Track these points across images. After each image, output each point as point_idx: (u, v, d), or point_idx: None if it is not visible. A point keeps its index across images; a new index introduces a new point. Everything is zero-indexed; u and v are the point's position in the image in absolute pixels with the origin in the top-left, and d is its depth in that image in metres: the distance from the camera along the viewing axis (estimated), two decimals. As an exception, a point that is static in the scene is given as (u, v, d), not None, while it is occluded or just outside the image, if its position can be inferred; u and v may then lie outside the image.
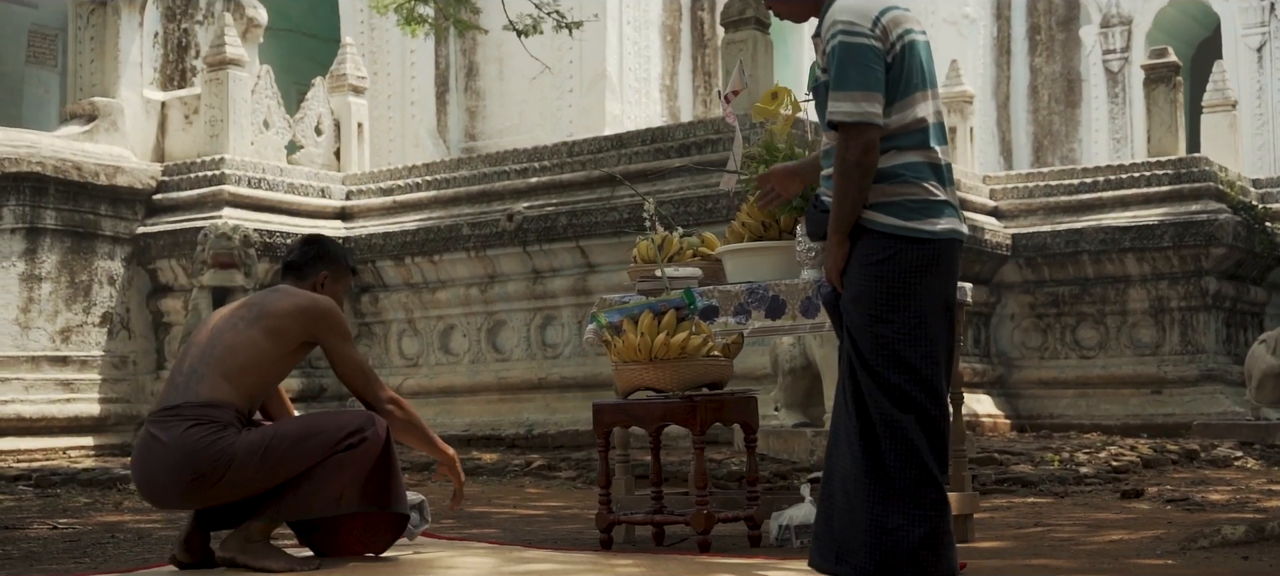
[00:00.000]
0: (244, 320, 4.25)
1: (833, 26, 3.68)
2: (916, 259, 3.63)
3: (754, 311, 4.85)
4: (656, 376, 4.51)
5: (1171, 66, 13.76)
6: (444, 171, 12.83)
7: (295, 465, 4.06)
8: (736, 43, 11.46)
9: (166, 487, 4.10)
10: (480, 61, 16.05)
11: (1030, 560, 4.19)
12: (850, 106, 3.58)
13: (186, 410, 4.09)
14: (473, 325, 12.42)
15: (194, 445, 4.00)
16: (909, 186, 3.68)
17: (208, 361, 4.17)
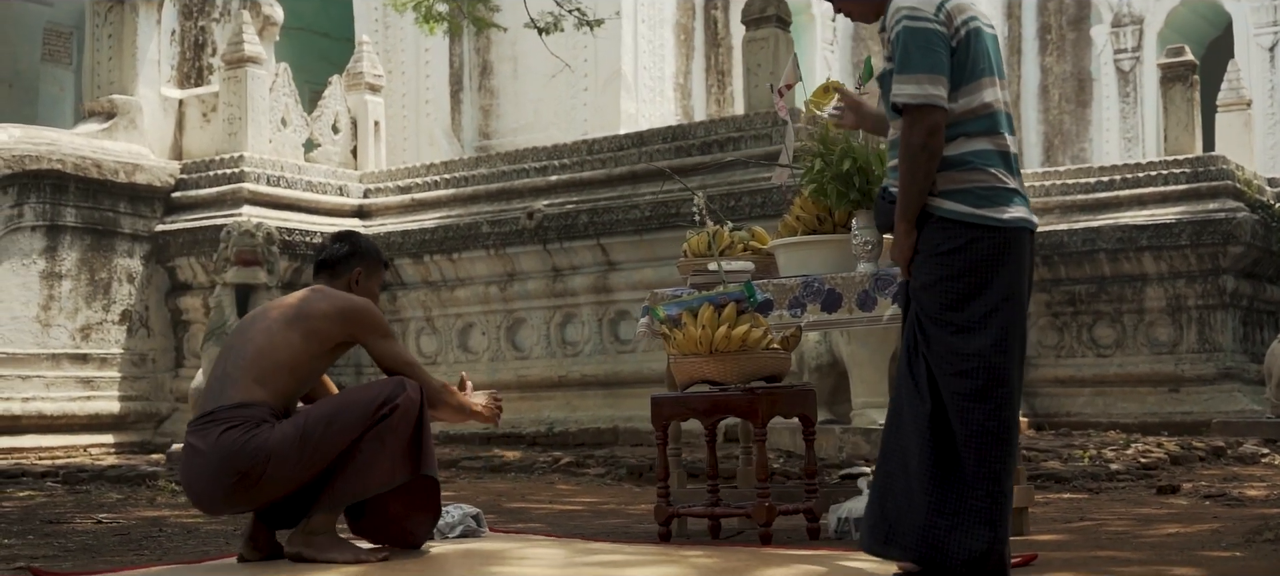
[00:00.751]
0: (280, 322, 4.22)
1: (896, 13, 3.69)
2: (987, 248, 3.62)
3: (809, 305, 4.86)
4: (716, 369, 4.51)
5: (1188, 65, 13.77)
6: (463, 169, 12.82)
7: (335, 445, 4.03)
8: (757, 40, 11.47)
9: (213, 494, 4.08)
10: (494, 60, 16.05)
11: (1096, 552, 4.20)
12: (914, 88, 3.58)
13: (220, 414, 4.08)
14: (492, 323, 12.42)
15: (230, 447, 3.98)
16: (978, 173, 3.66)
17: (240, 365, 4.14)
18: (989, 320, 3.61)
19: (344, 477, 4.04)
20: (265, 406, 4.07)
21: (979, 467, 3.55)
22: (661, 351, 11.44)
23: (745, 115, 11.43)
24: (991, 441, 3.57)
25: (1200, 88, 14.24)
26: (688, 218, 11.16)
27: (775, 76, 11.44)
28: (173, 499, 7.75)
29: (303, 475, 4.02)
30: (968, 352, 3.58)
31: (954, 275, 3.61)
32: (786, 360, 4.63)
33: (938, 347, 3.60)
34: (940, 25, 3.65)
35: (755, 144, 11.13)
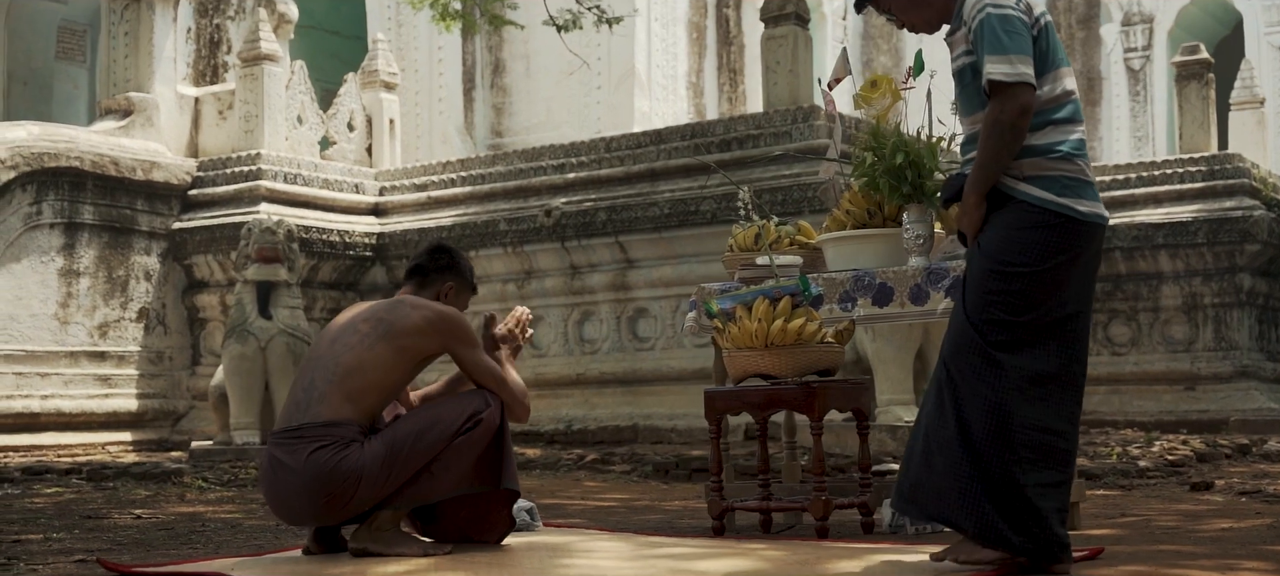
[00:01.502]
0: (370, 336, 4.18)
1: (978, 3, 3.67)
2: (1062, 238, 3.60)
3: (860, 299, 4.85)
4: (772, 363, 4.50)
5: (1204, 63, 13.78)
6: (479, 167, 12.81)
7: (420, 460, 4.06)
8: (776, 38, 11.45)
9: (300, 510, 4.09)
10: (507, 58, 16.04)
11: (1157, 546, 4.19)
12: (1006, 67, 3.58)
13: (308, 431, 4.05)
14: (509, 321, 12.38)
15: (321, 468, 3.97)
16: (1066, 163, 3.66)
17: (330, 380, 4.12)
18: (1057, 307, 3.61)
19: (416, 483, 4.07)
20: (354, 425, 4.07)
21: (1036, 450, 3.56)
22: (682, 349, 11.49)
23: (764, 112, 11.42)
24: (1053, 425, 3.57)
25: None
26: (707, 216, 11.19)
27: (795, 74, 11.44)
28: (201, 495, 7.74)
29: (388, 491, 4.04)
30: (1031, 335, 3.57)
31: (1027, 259, 3.58)
32: (841, 354, 4.63)
33: (998, 328, 3.58)
34: (1023, 13, 3.67)
35: (775, 142, 11.12)
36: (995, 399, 3.55)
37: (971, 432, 3.53)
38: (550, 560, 3.73)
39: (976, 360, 3.59)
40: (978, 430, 3.53)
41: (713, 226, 11.12)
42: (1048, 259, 3.61)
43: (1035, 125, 3.63)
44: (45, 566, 4.12)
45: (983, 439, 3.52)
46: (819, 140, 10.93)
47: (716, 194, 11.12)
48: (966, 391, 3.57)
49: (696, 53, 16.11)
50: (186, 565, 3.91)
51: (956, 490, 3.52)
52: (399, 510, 4.09)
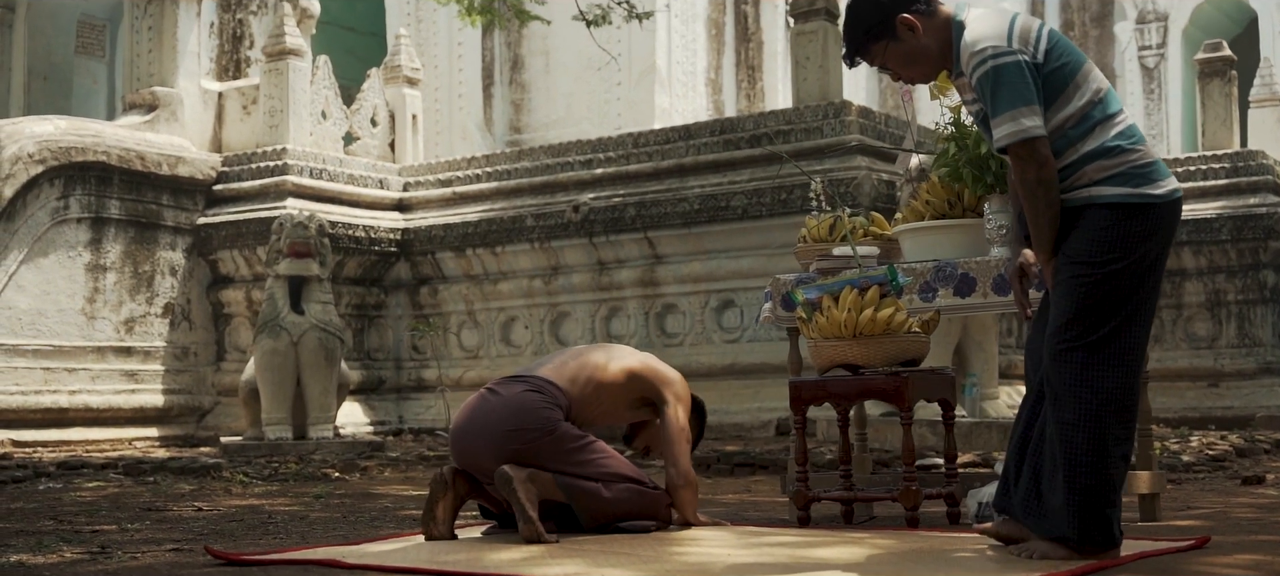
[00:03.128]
0: (614, 356, 4.60)
1: (973, 58, 3.62)
2: (1147, 226, 3.60)
3: (942, 289, 4.84)
4: (860, 353, 4.48)
5: (1227, 60, 13.80)
6: (505, 163, 12.78)
7: (600, 467, 4.33)
8: (806, 33, 11.44)
9: (486, 432, 4.28)
10: (526, 54, 16.02)
11: (1256, 536, 4.19)
12: (1012, 127, 3.53)
13: (530, 379, 4.44)
14: (535, 317, 12.39)
15: (527, 403, 4.30)
16: (1128, 153, 3.63)
17: (565, 361, 4.55)
18: (1131, 295, 3.63)
19: (586, 481, 4.28)
20: (567, 399, 4.39)
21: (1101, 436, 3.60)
22: (712, 344, 11.47)
23: (794, 107, 11.40)
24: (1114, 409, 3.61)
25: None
26: (737, 211, 11.17)
27: (825, 69, 11.43)
28: (247, 489, 7.71)
29: (560, 465, 4.26)
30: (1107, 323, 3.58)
31: (1110, 251, 3.57)
32: (926, 344, 4.61)
33: (1076, 318, 3.58)
34: (1019, 51, 3.59)
35: (805, 137, 11.11)
36: (1095, 404, 3.54)
37: (1074, 442, 3.53)
38: (664, 548, 3.71)
39: (1076, 364, 3.57)
40: (1080, 438, 3.53)
41: (743, 222, 11.11)
42: (1137, 248, 3.61)
43: (1082, 133, 3.61)
44: (144, 554, 4.09)
45: (1083, 446, 3.52)
46: (849, 136, 10.92)
47: (747, 189, 11.10)
48: (1067, 396, 3.55)
49: (715, 49, 16.10)
50: (295, 552, 3.88)
51: (1063, 503, 3.53)
52: (559, 490, 4.23)
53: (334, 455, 9.67)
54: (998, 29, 3.62)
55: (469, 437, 4.34)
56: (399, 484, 8.10)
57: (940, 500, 4.69)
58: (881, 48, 3.77)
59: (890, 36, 3.75)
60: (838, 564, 3.41)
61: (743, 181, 11.20)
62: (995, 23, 3.65)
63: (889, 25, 3.74)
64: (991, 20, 3.66)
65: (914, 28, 3.73)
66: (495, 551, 3.75)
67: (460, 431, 4.40)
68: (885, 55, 3.80)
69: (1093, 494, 3.51)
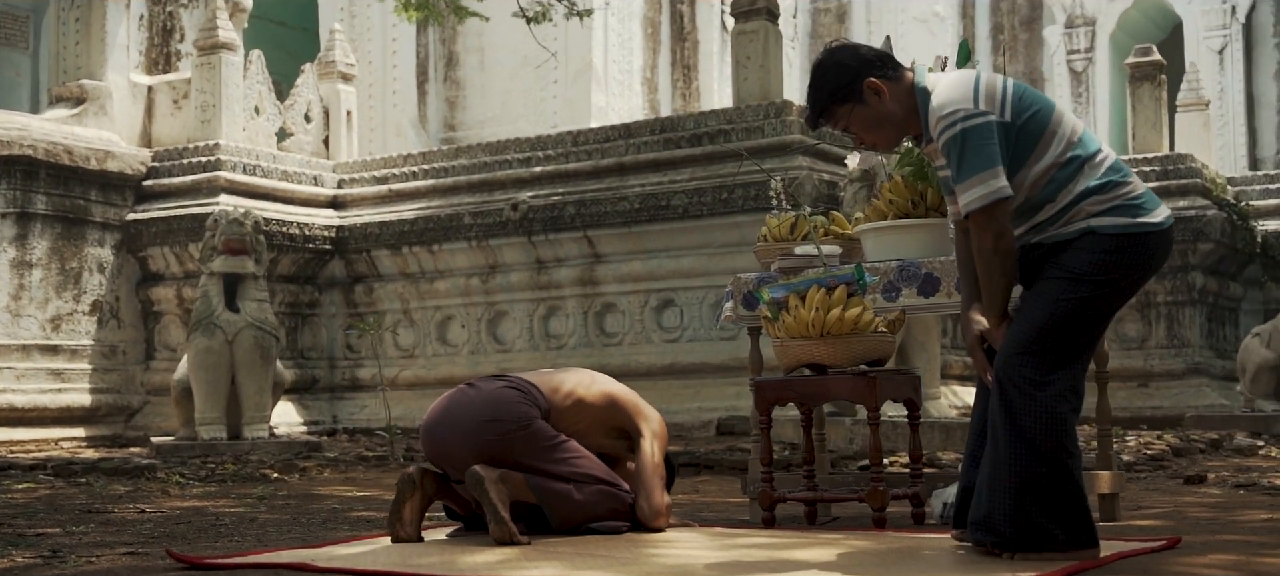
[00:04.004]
0: (596, 380, 4.60)
1: (939, 122, 3.57)
2: (1146, 256, 3.61)
3: (905, 289, 4.82)
4: (827, 352, 4.45)
5: (1157, 65, 13.99)
6: (442, 160, 12.66)
7: (574, 468, 4.28)
8: (747, 33, 11.43)
9: (457, 426, 4.23)
10: (461, 51, 15.88)
11: (1221, 536, 4.21)
12: (982, 190, 3.49)
13: (508, 378, 4.45)
14: (472, 316, 12.28)
15: (505, 397, 4.29)
16: (1121, 187, 3.62)
17: (547, 373, 4.54)
18: (1101, 319, 3.68)
19: (558, 482, 4.22)
20: (546, 403, 4.37)
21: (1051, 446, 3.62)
22: (651, 344, 11.42)
23: (735, 107, 11.40)
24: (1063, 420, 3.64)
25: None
26: (678, 210, 11.13)
27: (765, 69, 11.43)
28: (185, 490, 7.55)
29: (534, 463, 4.22)
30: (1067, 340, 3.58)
31: (1101, 276, 3.56)
32: (892, 344, 4.60)
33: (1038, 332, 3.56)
34: (986, 112, 3.54)
35: (746, 136, 11.10)
36: (1050, 412, 3.54)
37: (1030, 443, 3.51)
38: (639, 550, 3.66)
39: (1032, 372, 3.54)
40: (1037, 439, 3.51)
41: (683, 221, 11.08)
42: (1132, 274, 3.63)
43: (1070, 175, 3.58)
44: (100, 558, 3.96)
45: (1043, 445, 3.51)
46: (791, 136, 10.93)
47: (687, 188, 11.08)
48: (1024, 403, 3.53)
49: (651, 48, 16.06)
50: (259, 556, 3.78)
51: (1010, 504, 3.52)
52: (529, 490, 4.17)
53: (271, 455, 9.50)
54: (964, 92, 3.57)
55: (443, 429, 4.29)
56: (340, 484, 7.97)
57: (905, 500, 4.67)
58: (846, 111, 3.72)
59: (856, 100, 3.69)
60: (822, 565, 3.38)
61: (683, 180, 11.17)
62: (961, 85, 3.60)
63: (856, 89, 3.69)
64: (957, 83, 3.62)
65: (880, 92, 3.68)
66: (468, 553, 3.68)
67: (434, 423, 4.35)
68: (850, 119, 3.74)
69: (1035, 497, 3.50)
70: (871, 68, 3.70)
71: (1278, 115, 18.63)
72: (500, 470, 4.12)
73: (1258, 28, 18.80)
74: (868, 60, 3.72)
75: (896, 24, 19.10)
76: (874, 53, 3.77)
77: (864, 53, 3.76)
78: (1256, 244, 13.97)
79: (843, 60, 3.72)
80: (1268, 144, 18.72)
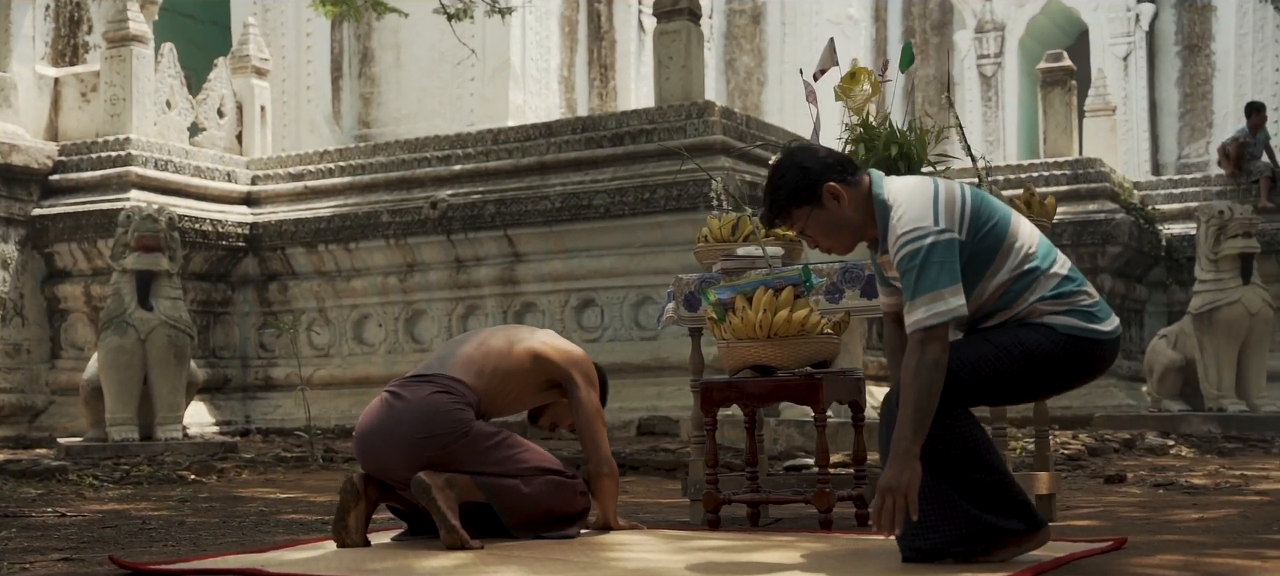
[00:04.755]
0: (517, 340, 4.47)
1: (898, 240, 3.49)
2: (1088, 358, 3.59)
3: (848, 291, 4.84)
4: (773, 353, 4.44)
5: (1067, 70, 14.24)
6: (359, 157, 12.51)
7: (518, 464, 4.20)
8: (669, 33, 11.43)
9: (396, 442, 4.10)
10: (376, 48, 15.71)
11: (1162, 536, 4.27)
12: (939, 307, 3.40)
13: (436, 379, 4.24)
14: (389, 315, 12.14)
15: (437, 407, 4.13)
16: (1076, 295, 3.58)
17: (468, 353, 4.36)
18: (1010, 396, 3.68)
19: (504, 480, 4.14)
20: (475, 395, 4.24)
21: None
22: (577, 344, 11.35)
23: (657, 107, 11.39)
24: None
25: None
26: (599, 210, 11.10)
27: (687, 69, 11.44)
28: (100, 493, 7.36)
29: (477, 466, 4.13)
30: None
31: (1054, 371, 3.55)
32: (838, 345, 4.61)
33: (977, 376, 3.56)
34: (945, 229, 3.46)
35: (668, 136, 11.10)
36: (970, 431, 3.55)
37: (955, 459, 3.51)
38: (597, 554, 3.62)
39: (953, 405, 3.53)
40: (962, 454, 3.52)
41: (605, 221, 11.05)
42: (1073, 375, 3.62)
43: (1026, 286, 3.54)
44: (35, 563, 3.84)
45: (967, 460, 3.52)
46: (713, 137, 10.95)
47: (609, 188, 11.05)
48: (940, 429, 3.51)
49: (569, 47, 16.01)
50: (204, 561, 3.68)
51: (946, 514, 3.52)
52: (475, 489, 4.09)
53: (186, 457, 9.30)
54: (923, 208, 3.49)
55: (378, 447, 4.16)
56: (262, 486, 7.82)
57: (850, 502, 4.68)
58: (804, 213, 3.63)
59: (815, 204, 3.61)
60: (789, 567, 3.37)
61: (605, 180, 11.14)
62: (921, 200, 3.51)
63: (815, 192, 3.60)
64: (917, 197, 3.52)
65: (839, 197, 3.59)
66: (423, 558, 3.61)
67: (367, 439, 4.22)
68: (807, 221, 3.65)
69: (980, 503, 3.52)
70: (831, 172, 3.62)
71: (1179, 121, 19.05)
72: (446, 475, 4.05)
73: (1160, 36, 19.22)
74: (828, 164, 3.64)
75: (811, 27, 19.25)
76: (834, 157, 3.69)
77: (824, 156, 3.68)
78: (1161, 247, 14.27)
79: (803, 162, 3.65)
80: (1169, 149, 19.14)
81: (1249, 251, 11.84)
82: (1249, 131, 14.77)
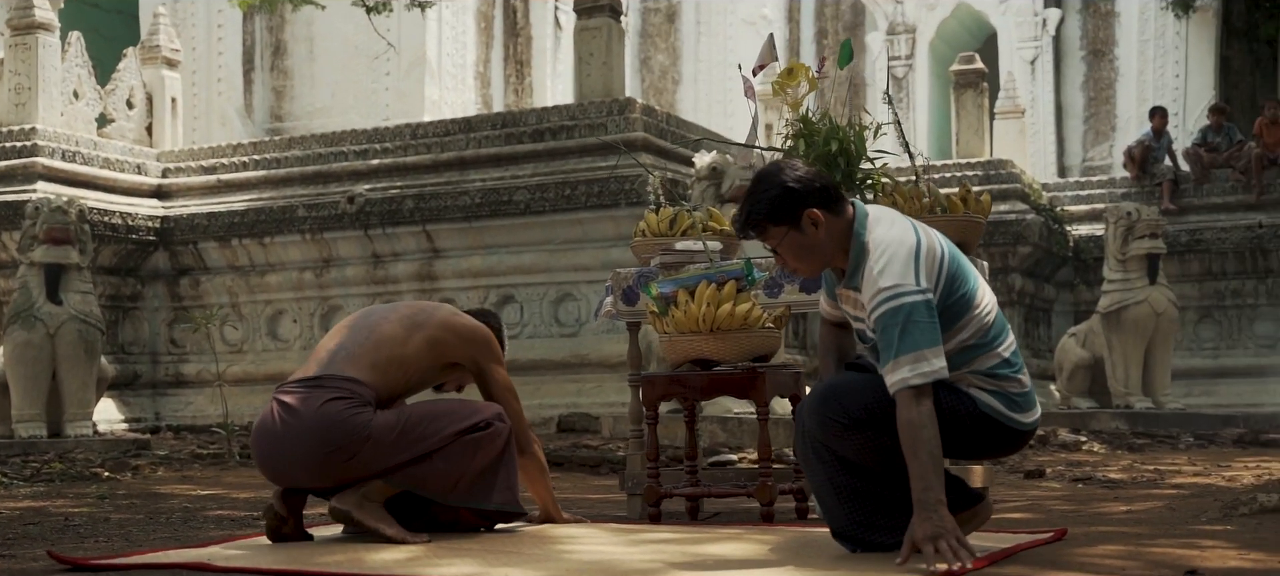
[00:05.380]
0: (408, 321, 4.21)
1: (876, 296, 3.39)
2: (991, 438, 3.58)
3: (787, 286, 4.86)
4: (717, 348, 4.45)
5: (979, 72, 14.45)
6: (274, 150, 12.33)
7: (427, 444, 3.99)
8: (589, 29, 11.42)
9: (298, 460, 3.89)
10: (289, 40, 15.50)
11: (1098, 527, 4.35)
12: (923, 368, 3.32)
13: (328, 382, 3.96)
14: (305, 310, 11.99)
15: (332, 418, 3.87)
16: (1009, 380, 3.55)
17: (362, 346, 4.08)
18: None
19: (417, 466, 3.97)
20: (372, 391, 4.00)
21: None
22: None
23: (578, 103, 11.37)
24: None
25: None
26: (520, 206, 11.05)
27: (608, 66, 11.44)
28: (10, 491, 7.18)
29: (388, 463, 3.94)
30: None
31: (955, 435, 3.50)
32: (778, 339, 4.63)
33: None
34: (925, 290, 3.39)
35: (589, 133, 11.08)
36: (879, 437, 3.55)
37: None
38: (550, 547, 3.59)
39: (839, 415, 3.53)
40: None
41: (525, 217, 11.01)
42: (976, 448, 3.62)
43: (968, 359, 3.50)
44: (-33, 563, 3.73)
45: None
46: (634, 134, 10.95)
47: (530, 184, 11.01)
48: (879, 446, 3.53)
49: (485, 43, 15.92)
50: (146, 556, 3.60)
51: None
52: (391, 487, 3.95)
53: (98, 454, 9.10)
54: (905, 264, 3.40)
55: (282, 465, 3.96)
56: (180, 483, 7.68)
57: (789, 496, 4.71)
58: (780, 232, 3.51)
59: (793, 225, 3.49)
60: (742, 559, 3.37)
61: (525, 176, 11.10)
62: (903, 253, 3.42)
63: (795, 215, 3.48)
64: (900, 250, 3.42)
65: (818, 223, 3.48)
66: (374, 551, 3.57)
67: (268, 459, 4.00)
68: (782, 241, 3.53)
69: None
70: (815, 198, 3.50)
71: (1083, 124, 19.42)
72: (360, 491, 3.89)
73: (1066, 40, 19.57)
74: (813, 188, 3.51)
75: (725, 26, 19.34)
76: (821, 180, 3.56)
77: (810, 177, 3.55)
78: (1069, 248, 14.54)
79: (788, 181, 3.51)
80: (1074, 152, 19.50)
81: (1156, 252, 12.11)
82: (1152, 135, 15.11)
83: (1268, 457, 9.03)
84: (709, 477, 5.30)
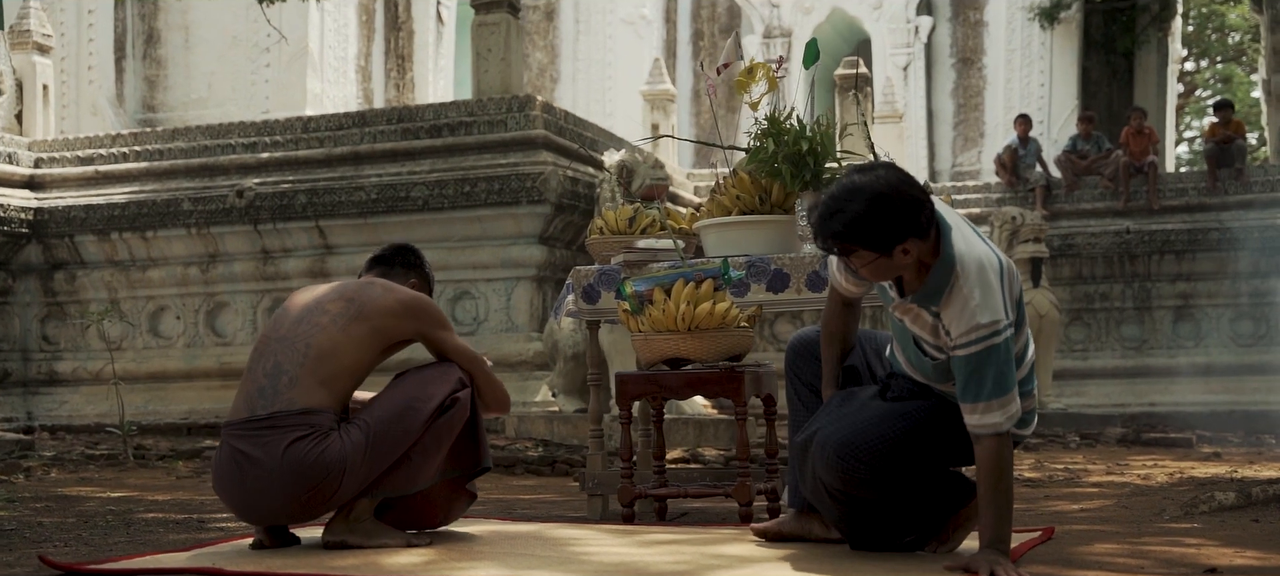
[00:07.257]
0: (342, 316, 3.85)
1: (973, 332, 3.30)
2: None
3: (754, 285, 4.85)
4: (693, 347, 4.42)
5: (863, 77, 14.65)
6: (157, 142, 11.93)
7: (399, 447, 3.76)
8: (488, 25, 11.30)
9: (277, 508, 3.68)
10: (162, 28, 15.03)
11: (1084, 526, 4.41)
12: (1002, 414, 3.31)
13: (282, 420, 3.67)
14: (190, 307, 11.64)
15: (302, 461, 3.62)
16: (1028, 397, 3.54)
17: (301, 364, 3.75)
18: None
19: (398, 471, 3.77)
20: (330, 413, 3.73)
21: None
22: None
23: (478, 100, 11.23)
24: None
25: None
26: (417, 202, 10.87)
27: (507, 62, 11.33)
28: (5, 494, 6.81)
29: (367, 482, 3.73)
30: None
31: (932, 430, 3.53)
32: (752, 338, 4.61)
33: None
34: (1011, 325, 3.36)
35: (489, 130, 10.96)
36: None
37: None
38: (566, 549, 3.51)
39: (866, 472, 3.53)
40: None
41: (423, 213, 10.84)
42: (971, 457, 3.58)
43: None
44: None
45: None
46: (535, 131, 10.85)
47: (428, 180, 10.84)
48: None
49: (366, 36, 15.65)
50: (145, 559, 3.42)
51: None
52: (376, 499, 3.76)
53: (-19, 456, 8.70)
54: (997, 296, 3.32)
55: (260, 511, 3.73)
56: (79, 485, 7.37)
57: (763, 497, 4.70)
58: (868, 256, 3.36)
59: (883, 253, 3.34)
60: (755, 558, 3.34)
61: (423, 172, 10.93)
62: (994, 281, 3.34)
63: (888, 246, 3.32)
64: (987, 276, 3.33)
65: (908, 253, 3.35)
66: (390, 555, 3.45)
67: (240, 507, 3.76)
68: (863, 261, 3.38)
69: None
70: (914, 231, 3.32)
71: (954, 130, 19.85)
72: (348, 519, 3.73)
73: (937, 48, 19.98)
74: (916, 222, 3.32)
75: (604, 25, 19.31)
76: (920, 207, 3.34)
77: (913, 207, 3.33)
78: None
79: (891, 212, 3.31)
80: (944, 157, 19.92)
81: (1039, 256, 12.41)
82: (1019, 142, 15.52)
83: (1158, 456, 9.32)
84: (686, 477, 5.26)
